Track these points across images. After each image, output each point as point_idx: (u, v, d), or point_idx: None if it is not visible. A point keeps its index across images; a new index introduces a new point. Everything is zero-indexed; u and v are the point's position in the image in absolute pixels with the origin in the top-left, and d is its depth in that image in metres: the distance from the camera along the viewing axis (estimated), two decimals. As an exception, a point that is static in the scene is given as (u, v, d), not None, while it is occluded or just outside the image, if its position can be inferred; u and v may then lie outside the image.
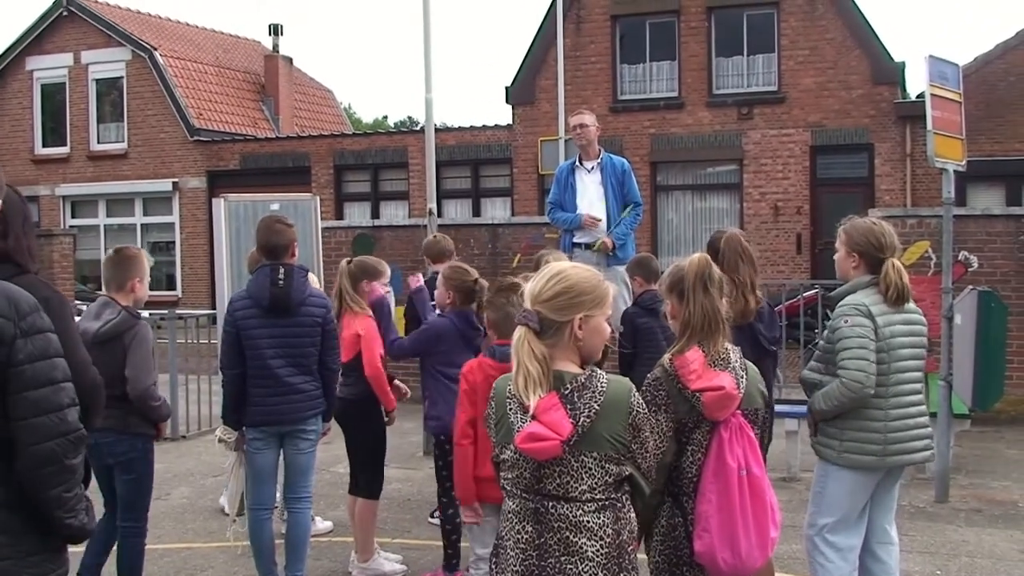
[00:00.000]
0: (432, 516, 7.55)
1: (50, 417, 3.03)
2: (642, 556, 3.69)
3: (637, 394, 3.39)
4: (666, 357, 3.87)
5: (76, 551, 4.16)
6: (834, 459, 4.90)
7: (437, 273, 8.05)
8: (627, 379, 3.47)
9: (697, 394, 3.74)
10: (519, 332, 3.32)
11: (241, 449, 5.97)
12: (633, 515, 3.39)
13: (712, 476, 3.76)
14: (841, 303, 4.96)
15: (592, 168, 8.99)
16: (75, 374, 3.32)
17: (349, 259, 6.81)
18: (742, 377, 3.85)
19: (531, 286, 3.39)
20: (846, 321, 4.84)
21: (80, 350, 3.54)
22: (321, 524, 7.42)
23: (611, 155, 9.14)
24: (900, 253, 5.06)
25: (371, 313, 6.54)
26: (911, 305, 4.99)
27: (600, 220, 8.80)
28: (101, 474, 5.56)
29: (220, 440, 6.01)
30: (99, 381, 3.61)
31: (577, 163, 9.13)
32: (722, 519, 3.73)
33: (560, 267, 3.44)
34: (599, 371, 3.35)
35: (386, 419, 6.59)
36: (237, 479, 6.16)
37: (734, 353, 3.90)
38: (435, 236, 8.54)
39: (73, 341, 3.51)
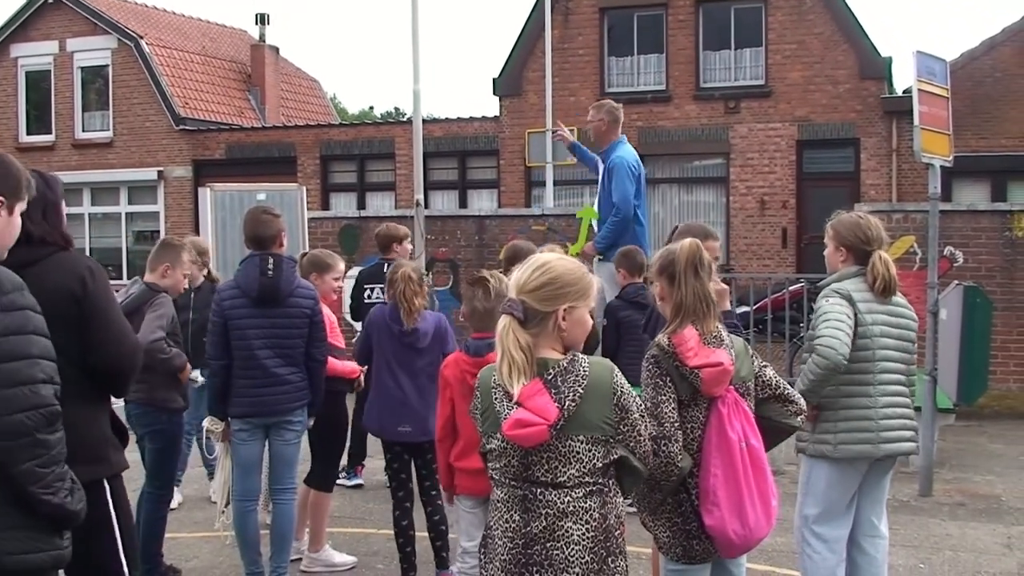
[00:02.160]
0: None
1: (22, 389, 3.08)
2: (631, 548, 3.70)
3: (620, 375, 3.42)
4: (662, 336, 3.92)
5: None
6: (830, 453, 4.92)
7: (385, 261, 8.09)
8: (608, 361, 3.50)
9: (696, 371, 3.79)
10: (504, 321, 3.35)
11: (227, 440, 5.97)
12: (620, 500, 3.42)
13: (715, 451, 3.85)
14: (825, 288, 5.02)
15: (599, 161, 8.93)
16: (113, 340, 3.70)
17: (304, 252, 6.92)
18: (732, 353, 3.94)
19: (516, 276, 3.43)
20: (827, 300, 4.92)
21: (119, 317, 3.83)
22: (306, 515, 7.42)
23: (614, 150, 8.82)
24: (888, 246, 5.09)
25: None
26: (900, 299, 5.03)
27: (565, 136, 9.28)
28: (140, 445, 6.02)
29: (208, 431, 6.02)
30: (137, 348, 3.86)
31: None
32: (729, 492, 3.81)
33: (546, 258, 3.48)
34: (580, 355, 3.38)
35: (356, 388, 6.65)
36: (224, 470, 6.16)
37: (724, 331, 3.99)
38: (387, 225, 8.51)
39: (114, 308, 3.80)
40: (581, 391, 3.28)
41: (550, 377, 3.28)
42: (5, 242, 3.37)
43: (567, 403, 3.25)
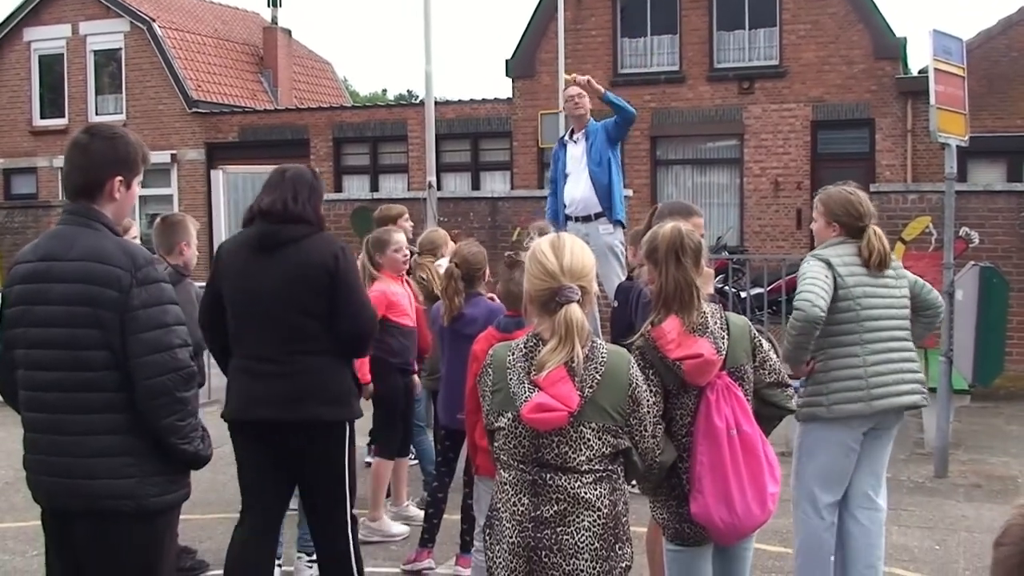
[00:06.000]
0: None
1: (162, 355, 3.45)
2: (636, 529, 3.69)
3: (635, 366, 3.40)
4: (645, 327, 3.89)
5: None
6: (824, 415, 4.92)
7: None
8: (625, 350, 3.48)
9: (678, 363, 3.75)
10: (576, 311, 3.29)
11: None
12: (626, 486, 3.41)
13: (702, 438, 3.81)
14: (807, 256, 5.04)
15: (578, 139, 8.92)
16: (357, 310, 4.54)
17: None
18: (722, 339, 3.87)
19: (568, 261, 3.35)
20: (806, 263, 4.95)
21: (362, 290, 4.69)
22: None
23: (596, 121, 9.01)
24: (875, 219, 5.07)
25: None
26: (892, 270, 5.01)
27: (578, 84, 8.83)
28: None
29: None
30: (375, 317, 4.75)
31: (567, 137, 9.08)
32: (715, 479, 3.77)
33: (575, 239, 3.46)
34: (599, 341, 3.37)
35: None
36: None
37: (712, 317, 3.91)
38: (383, 207, 8.57)
39: (359, 283, 4.63)
40: (599, 378, 3.26)
41: (574, 364, 3.26)
42: (126, 211, 3.82)
43: (586, 390, 3.24)
